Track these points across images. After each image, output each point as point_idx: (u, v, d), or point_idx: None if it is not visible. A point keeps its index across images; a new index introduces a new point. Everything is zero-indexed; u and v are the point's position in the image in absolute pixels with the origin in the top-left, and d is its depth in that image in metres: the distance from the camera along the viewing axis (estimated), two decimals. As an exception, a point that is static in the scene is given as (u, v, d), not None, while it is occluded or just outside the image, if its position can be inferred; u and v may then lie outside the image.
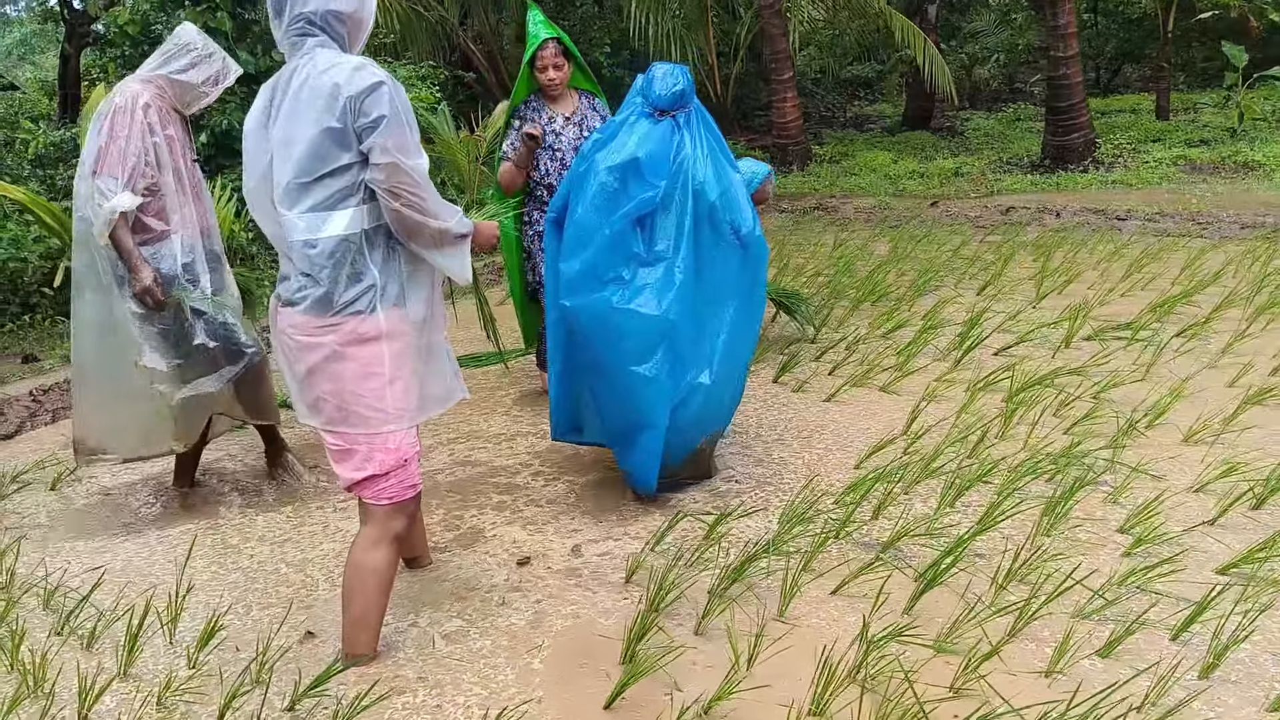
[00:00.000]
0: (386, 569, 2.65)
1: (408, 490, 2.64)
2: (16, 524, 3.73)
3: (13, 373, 5.84)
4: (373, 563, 2.63)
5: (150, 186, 3.49)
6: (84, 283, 3.56)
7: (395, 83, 2.43)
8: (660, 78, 3.39)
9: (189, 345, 3.58)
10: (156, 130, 3.50)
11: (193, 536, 3.52)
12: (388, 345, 2.52)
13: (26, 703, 2.55)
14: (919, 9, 14.85)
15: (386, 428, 2.55)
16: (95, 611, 2.98)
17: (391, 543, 2.65)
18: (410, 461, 2.62)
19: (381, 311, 2.50)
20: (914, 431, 4.05)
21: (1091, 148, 11.54)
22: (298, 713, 2.49)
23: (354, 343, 2.49)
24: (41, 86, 15.12)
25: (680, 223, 3.35)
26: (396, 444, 2.58)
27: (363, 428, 2.54)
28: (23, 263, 6.59)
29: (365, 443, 2.55)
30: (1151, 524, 3.16)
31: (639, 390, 3.32)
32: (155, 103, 3.52)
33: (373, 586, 2.64)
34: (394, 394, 2.54)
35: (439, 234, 2.51)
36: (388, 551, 2.64)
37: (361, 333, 2.49)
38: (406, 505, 2.67)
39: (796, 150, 13.15)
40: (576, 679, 2.61)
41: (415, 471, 2.65)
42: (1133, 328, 5.18)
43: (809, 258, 7.51)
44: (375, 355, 2.51)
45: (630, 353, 3.30)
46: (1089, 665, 2.55)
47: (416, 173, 2.43)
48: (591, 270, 3.30)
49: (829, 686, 2.43)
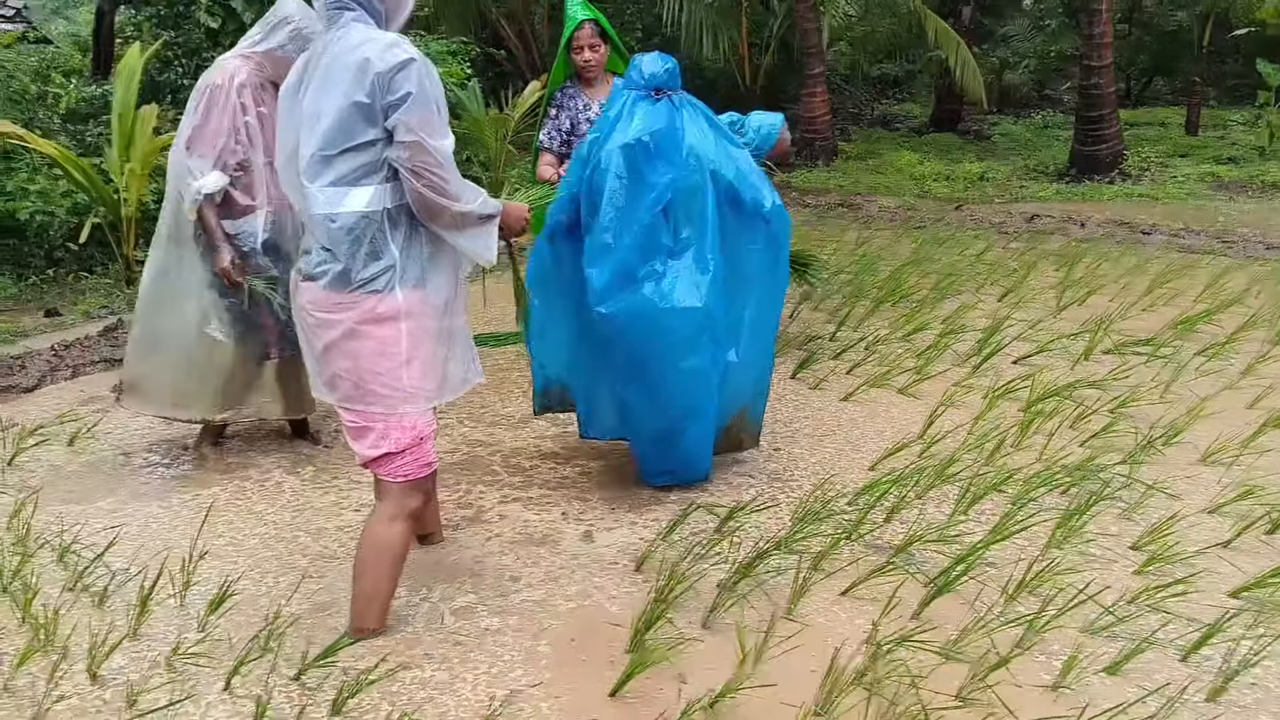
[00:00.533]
0: (400, 546, 2.66)
1: (423, 468, 2.64)
2: (34, 478, 3.76)
3: (35, 326, 5.88)
4: (387, 539, 2.64)
5: (241, 163, 3.59)
6: (162, 234, 3.72)
7: (426, 62, 2.42)
8: (650, 60, 3.41)
9: (255, 322, 3.71)
10: (249, 109, 3.58)
11: (210, 501, 3.54)
12: (405, 325, 2.51)
13: (38, 656, 2.58)
14: (953, 10, 14.75)
15: (402, 408, 2.55)
16: (108, 570, 3.01)
17: (406, 519, 2.66)
18: (426, 440, 2.62)
19: (400, 291, 2.50)
20: (930, 436, 4.04)
21: (1119, 159, 11.47)
22: (305, 682, 2.51)
23: (371, 321, 2.49)
24: (75, 42, 15.13)
25: (703, 205, 3.32)
26: (412, 422, 2.58)
27: (379, 406, 2.54)
28: (50, 217, 6.62)
29: (381, 420, 2.56)
30: (1165, 543, 3.15)
31: (687, 384, 3.32)
32: (252, 80, 3.60)
33: (385, 562, 2.65)
34: (410, 374, 2.54)
35: (459, 216, 2.50)
36: (402, 528, 2.65)
37: (379, 312, 2.48)
38: (422, 483, 2.67)
39: (823, 146, 13.10)
40: (583, 665, 2.62)
41: (431, 449, 2.65)
42: (1153, 344, 5.16)
43: (831, 254, 7.48)
44: (392, 335, 2.50)
45: (677, 348, 3.27)
46: (1097, 682, 2.55)
47: (439, 153, 2.42)
48: (623, 271, 3.23)
49: (835, 688, 2.43)
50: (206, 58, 8.50)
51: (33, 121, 7.65)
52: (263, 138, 3.60)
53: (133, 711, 2.40)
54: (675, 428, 3.42)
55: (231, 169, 3.58)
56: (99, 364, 5.11)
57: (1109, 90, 11.26)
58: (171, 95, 8.93)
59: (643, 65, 3.39)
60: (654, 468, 3.59)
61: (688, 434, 3.43)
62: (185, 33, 8.73)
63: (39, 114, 8.00)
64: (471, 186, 2.53)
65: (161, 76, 8.79)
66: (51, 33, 17.40)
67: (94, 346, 5.37)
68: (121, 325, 5.74)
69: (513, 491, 3.66)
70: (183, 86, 8.83)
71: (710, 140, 3.40)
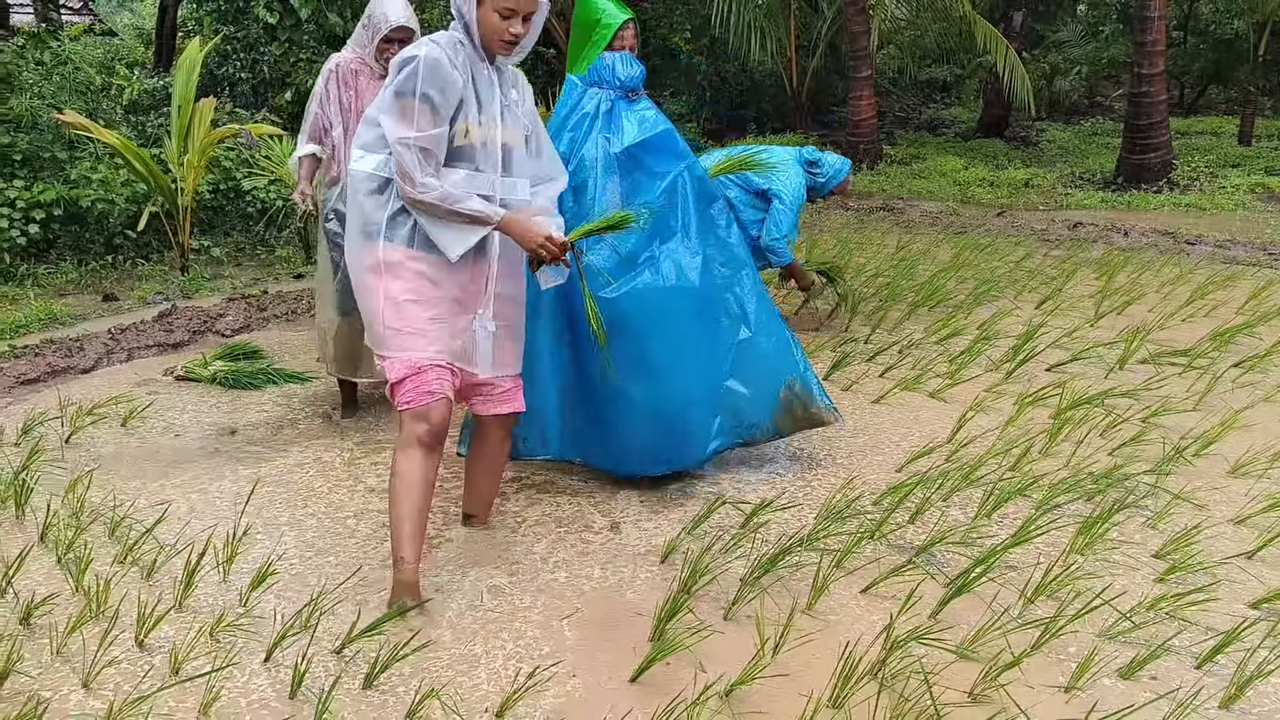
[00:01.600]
0: (405, 473, 2.84)
1: (423, 396, 2.83)
2: (89, 455, 3.92)
3: (93, 309, 6.09)
4: (397, 462, 2.86)
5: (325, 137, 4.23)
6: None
7: (430, 60, 2.72)
8: (621, 62, 3.59)
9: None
10: (331, 95, 4.17)
11: (255, 479, 3.68)
12: (385, 275, 2.83)
13: (89, 624, 2.72)
14: (1004, 15, 14.65)
15: (383, 349, 2.87)
16: (157, 544, 3.15)
17: (412, 447, 2.84)
18: (425, 370, 2.83)
19: (383, 244, 2.83)
20: (958, 440, 4.09)
21: (1168, 168, 11.34)
22: (345, 655, 2.63)
23: (368, 268, 2.86)
24: (139, 34, 15.53)
25: (684, 197, 3.55)
26: (405, 355, 2.85)
27: (377, 346, 2.91)
28: (110, 204, 6.85)
29: (383, 356, 2.89)
30: (1188, 552, 3.17)
31: (689, 363, 3.48)
32: (348, 67, 4.17)
33: (395, 489, 2.86)
34: (388, 317, 2.84)
35: (416, 203, 2.78)
36: (407, 456, 2.85)
37: (367, 261, 2.85)
38: (423, 411, 2.83)
39: (868, 149, 13.09)
40: (605, 650, 2.71)
41: (431, 380, 2.83)
42: (1190, 354, 5.14)
43: (870, 257, 7.52)
44: (374, 282, 2.85)
45: (680, 327, 3.44)
46: (1109, 685, 2.59)
47: (390, 136, 2.74)
48: (627, 256, 3.45)
49: (849, 681, 2.49)
50: (264, 52, 8.73)
51: (96, 112, 7.91)
52: (342, 118, 4.16)
53: (177, 677, 2.52)
54: (677, 410, 3.52)
55: (324, 142, 4.23)
56: (153, 348, 5.29)
57: (1160, 98, 11.14)
58: (229, 88, 9.17)
59: (617, 68, 3.59)
60: (653, 456, 3.61)
61: (689, 416, 3.55)
62: (244, 27, 8.96)
63: (103, 105, 8.26)
64: (447, 183, 2.78)
65: (220, 70, 9.03)
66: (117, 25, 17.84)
67: (148, 331, 5.56)
68: (175, 311, 5.93)
69: (544, 481, 3.76)
70: (240, 80, 9.06)
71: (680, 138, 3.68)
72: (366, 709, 2.45)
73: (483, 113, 2.86)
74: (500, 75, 2.92)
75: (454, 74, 2.75)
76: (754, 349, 3.65)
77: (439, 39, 2.78)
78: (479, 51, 2.84)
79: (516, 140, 2.96)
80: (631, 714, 2.43)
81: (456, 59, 2.78)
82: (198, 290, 6.64)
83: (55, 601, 2.83)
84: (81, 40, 11.74)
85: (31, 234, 6.72)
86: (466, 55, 2.82)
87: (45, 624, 2.73)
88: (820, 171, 5.44)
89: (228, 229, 7.81)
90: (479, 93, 2.85)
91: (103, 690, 2.48)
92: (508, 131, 2.93)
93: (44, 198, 6.75)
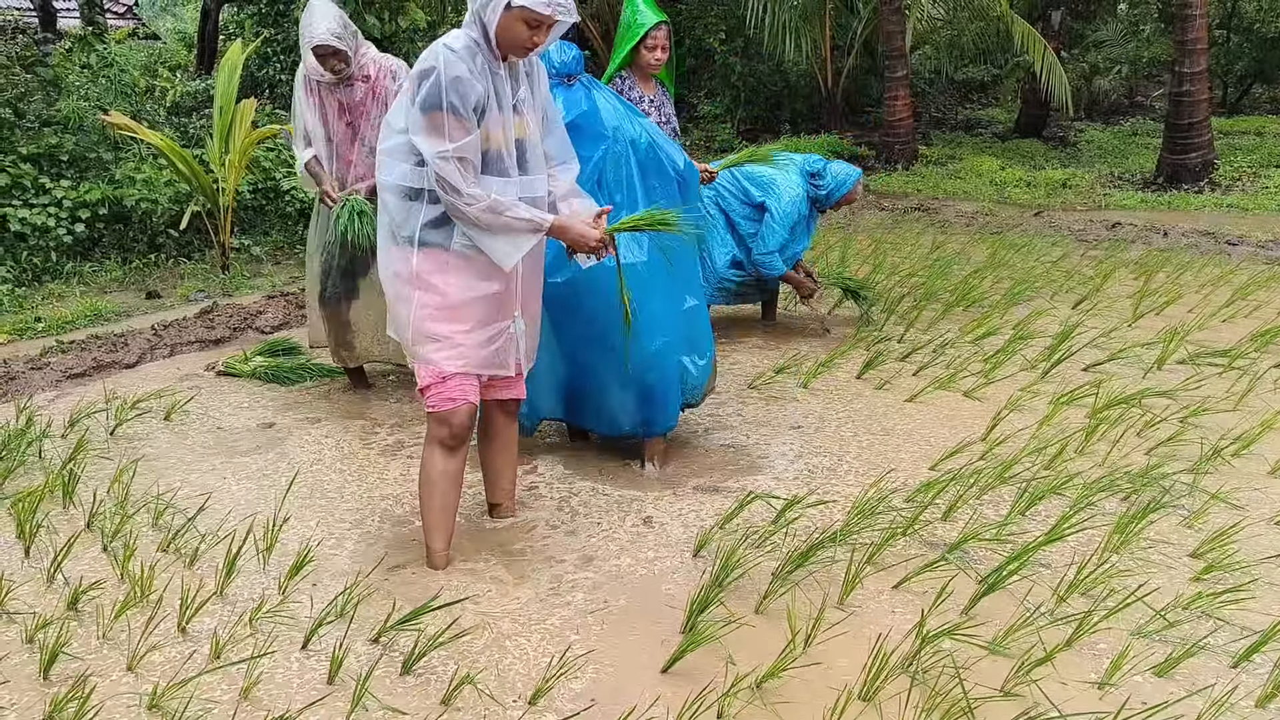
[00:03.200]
0: (428, 468, 3.02)
1: (445, 403, 2.94)
2: (133, 447, 4.01)
3: (137, 306, 6.21)
4: (424, 464, 3.04)
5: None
6: None
7: (453, 69, 2.71)
8: (555, 49, 3.62)
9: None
10: (307, 102, 4.31)
11: (294, 471, 3.75)
12: (415, 282, 2.88)
13: (133, 610, 2.78)
14: (1043, 14, 14.52)
15: (413, 354, 2.97)
16: (198, 534, 3.22)
17: (435, 447, 2.99)
18: (449, 379, 2.92)
19: (418, 252, 2.87)
20: (993, 438, 4.07)
21: (1209, 168, 11.18)
22: (381, 642, 2.67)
23: (405, 277, 2.90)
24: (181, 38, 15.80)
25: (629, 171, 3.63)
26: (429, 364, 2.93)
27: (407, 347, 3.00)
28: (153, 204, 6.98)
29: (413, 357, 2.99)
30: (1225, 551, 3.15)
31: (644, 333, 3.55)
32: (310, 78, 4.28)
33: (423, 485, 3.03)
34: (417, 327, 2.91)
35: (461, 214, 2.79)
36: (431, 455, 3.01)
37: (409, 268, 2.89)
38: (446, 415, 2.95)
39: (903, 150, 13.02)
40: (637, 640, 2.73)
41: (454, 386, 2.93)
42: (1230, 355, 5.08)
43: (904, 258, 7.49)
44: (405, 290, 2.91)
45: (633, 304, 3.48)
46: (1143, 681, 2.57)
47: (427, 154, 2.74)
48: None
49: (880, 674, 2.50)
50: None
51: (140, 113, 8.05)
52: (320, 126, 4.35)
53: (217, 662, 2.58)
54: (638, 376, 3.63)
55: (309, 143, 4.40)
56: (194, 344, 5.39)
57: (1201, 98, 10.99)
58: (270, 89, 9.31)
59: (551, 55, 3.62)
60: (628, 419, 3.75)
61: (650, 382, 3.65)
62: (284, 30, 9.09)
63: (146, 106, 8.41)
64: (491, 193, 2.78)
65: (261, 72, 9.17)
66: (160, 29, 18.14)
67: (190, 328, 5.66)
68: (216, 308, 6.03)
69: (576, 476, 3.79)
70: (280, 81, 9.19)
71: (623, 114, 3.71)
72: (403, 693, 2.50)
73: (502, 113, 2.86)
74: (512, 70, 2.92)
75: (474, 81, 2.75)
76: (699, 315, 3.84)
77: (454, 44, 2.75)
78: (494, 52, 2.82)
79: (531, 134, 2.98)
80: (662, 703, 2.46)
81: (475, 65, 2.77)
82: (238, 288, 6.75)
83: (102, 587, 2.90)
84: (126, 44, 11.96)
85: (78, 233, 6.87)
86: (484, 58, 2.80)
87: (92, 609, 2.81)
88: (823, 184, 5.44)
89: (267, 228, 7.93)
90: (497, 95, 2.85)
91: (147, 673, 2.54)
92: (522, 127, 2.95)
93: (90, 197, 6.89)
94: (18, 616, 2.77)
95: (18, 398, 4.49)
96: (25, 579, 2.97)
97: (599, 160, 3.58)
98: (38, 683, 2.50)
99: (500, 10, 2.74)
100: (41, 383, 4.73)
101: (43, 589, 2.93)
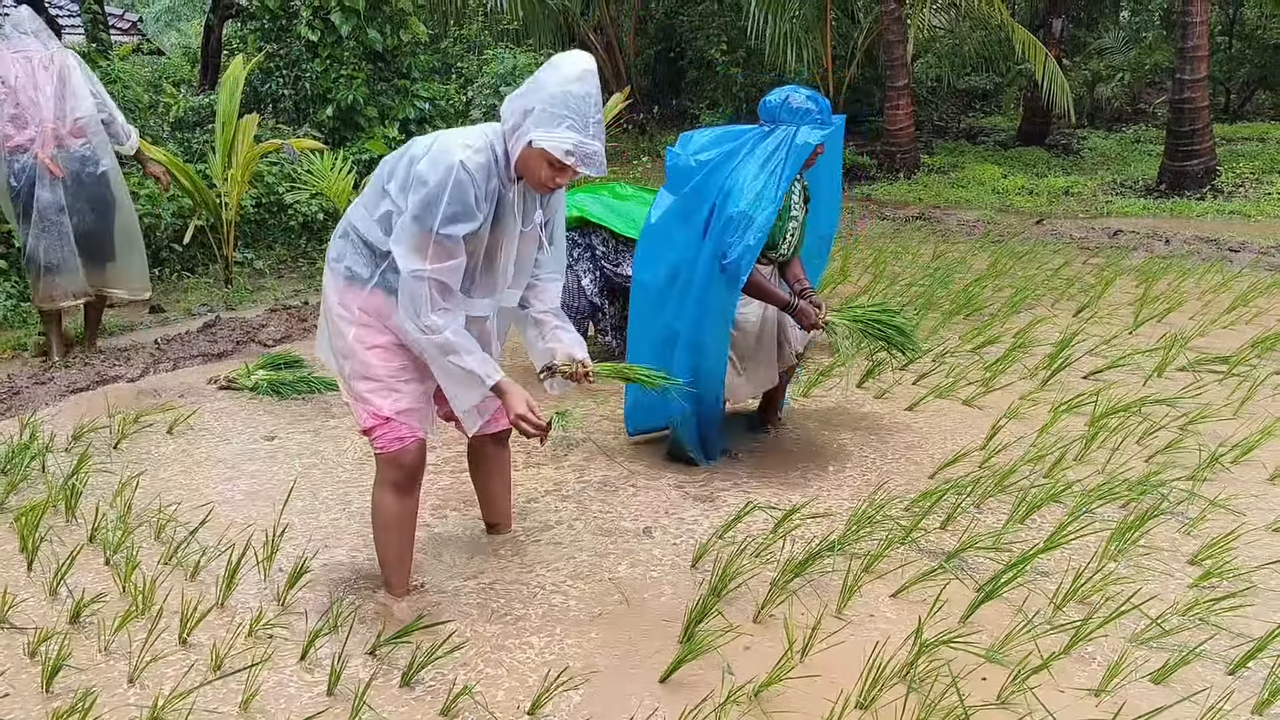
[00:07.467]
0: (383, 511, 2.89)
1: (394, 443, 2.79)
2: (136, 460, 4.03)
3: (140, 321, 6.24)
4: (375, 502, 2.91)
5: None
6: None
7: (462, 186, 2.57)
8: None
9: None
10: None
11: (293, 481, 3.76)
12: (362, 325, 2.79)
13: (135, 622, 2.80)
14: (1044, 23, 14.54)
15: (352, 392, 2.85)
16: (200, 546, 3.24)
17: (387, 488, 2.86)
18: (391, 420, 2.78)
19: (369, 290, 2.78)
20: (992, 446, 4.08)
21: (1211, 175, 11.18)
22: (378, 655, 2.69)
23: (348, 311, 2.81)
24: (185, 53, 15.87)
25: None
26: (369, 405, 2.80)
27: (344, 381, 2.88)
28: (157, 219, 7.01)
29: (353, 397, 2.86)
30: (1223, 558, 3.15)
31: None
32: None
33: (377, 525, 2.93)
34: (358, 365, 2.80)
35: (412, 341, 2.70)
36: (383, 494, 2.87)
37: (358, 302, 2.80)
38: (394, 457, 2.80)
39: (905, 158, 13.04)
40: (635, 651, 2.75)
41: (399, 428, 2.79)
42: (1230, 361, 5.08)
43: (905, 267, 7.50)
44: (347, 327, 2.82)
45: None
46: (1139, 689, 2.58)
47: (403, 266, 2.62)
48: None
49: (878, 683, 2.51)
50: (305, 69, 8.90)
51: (145, 129, 8.09)
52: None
53: (218, 673, 2.60)
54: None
55: None
56: (197, 358, 5.42)
57: (1203, 105, 11.00)
58: (272, 104, 9.35)
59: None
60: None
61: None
62: (286, 45, 9.13)
63: (150, 122, 8.45)
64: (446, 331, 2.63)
65: (263, 87, 9.21)
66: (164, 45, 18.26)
67: (193, 341, 5.69)
68: (219, 322, 6.07)
69: (576, 485, 3.80)
70: (283, 96, 9.24)
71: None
72: (402, 706, 2.51)
73: (504, 232, 2.76)
74: (526, 191, 2.78)
75: (476, 211, 2.62)
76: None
77: (471, 159, 2.59)
78: (510, 173, 2.68)
79: (528, 253, 2.89)
80: (660, 713, 2.47)
81: (486, 187, 2.64)
82: (241, 302, 6.78)
83: (104, 600, 2.92)
84: (130, 60, 12.03)
85: (82, 247, 6.88)
86: (498, 180, 2.68)
87: (94, 621, 2.83)
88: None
89: (270, 242, 7.96)
90: (504, 215, 2.73)
91: (148, 685, 2.56)
92: (521, 246, 2.84)
93: (94, 212, 6.91)
94: (21, 630, 2.79)
95: (21, 412, 4.52)
96: (28, 592, 2.99)
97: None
98: (41, 696, 2.52)
99: (522, 145, 2.58)
100: (45, 397, 4.75)
101: (45, 602, 2.95)
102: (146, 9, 30.66)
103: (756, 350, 4.00)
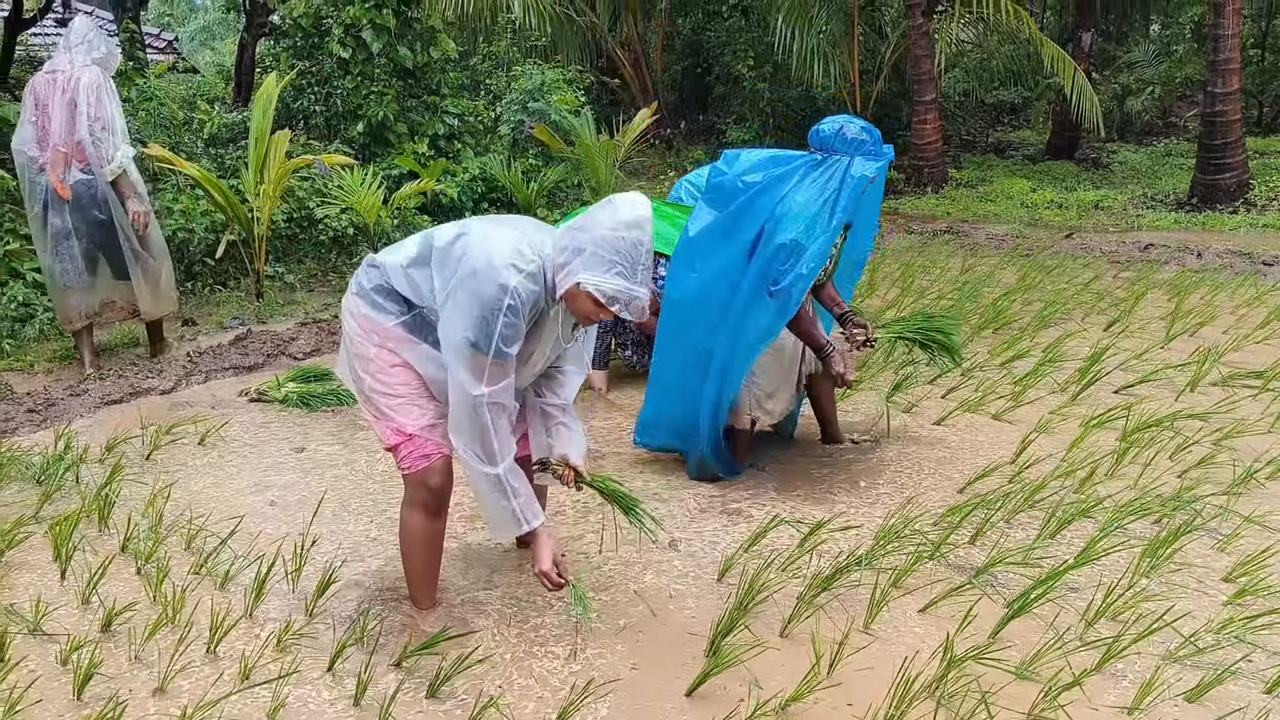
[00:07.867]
0: (412, 531, 2.89)
1: (420, 461, 2.79)
2: (168, 472, 4.08)
3: (173, 333, 6.31)
4: (404, 521, 2.91)
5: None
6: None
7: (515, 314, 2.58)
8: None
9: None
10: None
11: (322, 493, 3.79)
12: (385, 348, 2.82)
13: (165, 631, 2.83)
14: (1073, 36, 14.47)
15: (372, 410, 2.88)
16: (230, 556, 3.26)
17: (416, 507, 2.85)
18: (415, 436, 2.78)
19: (396, 321, 2.81)
20: (1021, 461, 4.04)
21: (1244, 189, 11.06)
22: (405, 667, 2.70)
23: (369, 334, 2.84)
24: (219, 71, 16.09)
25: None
26: (392, 423, 2.82)
27: (363, 400, 2.92)
28: (190, 234, 7.11)
29: (374, 416, 2.88)
30: (1258, 575, 3.10)
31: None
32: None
33: (405, 544, 2.93)
34: (377, 383, 2.83)
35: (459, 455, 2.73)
36: (412, 515, 2.87)
37: (382, 332, 2.82)
38: (422, 477, 2.81)
39: (933, 173, 13.00)
40: (661, 664, 2.74)
41: (423, 444, 2.79)
42: (1265, 376, 5.01)
43: (933, 281, 7.47)
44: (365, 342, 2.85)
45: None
46: (1173, 707, 2.54)
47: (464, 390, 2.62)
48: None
49: (906, 698, 2.49)
50: (337, 86, 9.00)
51: (179, 145, 8.21)
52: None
53: (245, 684, 2.61)
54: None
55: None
56: (229, 370, 5.47)
57: (1235, 118, 10.89)
58: (304, 120, 9.46)
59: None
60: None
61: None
62: (318, 62, 9.24)
63: (185, 138, 8.57)
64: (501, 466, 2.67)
65: (295, 103, 9.32)
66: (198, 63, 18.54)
67: (224, 354, 5.75)
68: (250, 335, 6.13)
69: (602, 500, 3.80)
70: (314, 112, 9.36)
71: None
72: (428, 718, 2.51)
73: (539, 345, 2.79)
74: (564, 310, 2.79)
75: (523, 328, 2.65)
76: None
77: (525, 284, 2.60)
78: (554, 299, 2.69)
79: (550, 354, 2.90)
80: (686, 727, 2.46)
81: (531, 309, 2.65)
82: (272, 315, 6.85)
83: (134, 609, 2.95)
84: (165, 78, 12.22)
85: (117, 262, 6.98)
86: (544, 303, 2.69)
87: (125, 630, 2.86)
88: None
89: (301, 256, 8.05)
90: (539, 324, 2.75)
91: (177, 695, 2.58)
92: (550, 352, 2.88)
93: (129, 227, 7.01)
94: (54, 638, 2.83)
95: (57, 423, 4.58)
96: (61, 601, 3.03)
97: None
98: (72, 703, 2.55)
99: (570, 283, 2.59)
100: (80, 409, 4.82)
101: (78, 611, 2.98)
102: (182, 28, 31.19)
103: (788, 373, 4.03)
